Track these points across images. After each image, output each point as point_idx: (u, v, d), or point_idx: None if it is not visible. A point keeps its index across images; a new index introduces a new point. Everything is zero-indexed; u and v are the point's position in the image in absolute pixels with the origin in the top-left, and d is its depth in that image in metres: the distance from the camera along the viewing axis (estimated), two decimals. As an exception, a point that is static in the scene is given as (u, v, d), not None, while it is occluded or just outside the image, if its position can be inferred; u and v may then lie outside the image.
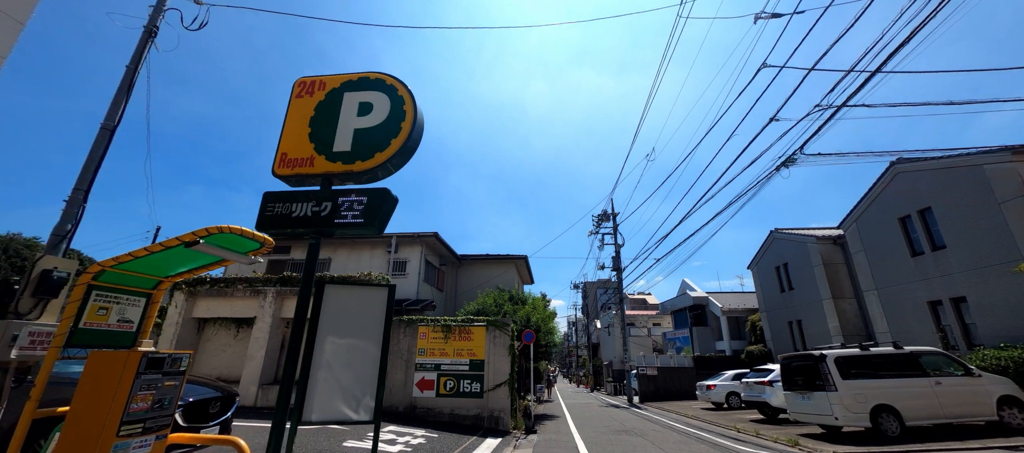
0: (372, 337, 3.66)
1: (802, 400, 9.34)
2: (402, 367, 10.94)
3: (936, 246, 12.49)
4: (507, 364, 10.73)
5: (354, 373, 3.54)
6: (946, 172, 12.20)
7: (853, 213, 15.48)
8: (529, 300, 15.92)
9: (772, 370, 12.23)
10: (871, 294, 14.63)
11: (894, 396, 8.43)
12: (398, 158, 2.68)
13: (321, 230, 2.59)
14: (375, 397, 3.51)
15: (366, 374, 3.56)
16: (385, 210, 2.59)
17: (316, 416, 3.36)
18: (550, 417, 14.21)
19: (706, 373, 20.38)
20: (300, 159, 2.69)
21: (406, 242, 15.77)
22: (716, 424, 11.56)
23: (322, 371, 3.47)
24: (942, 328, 12.30)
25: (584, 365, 47.24)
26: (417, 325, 11.29)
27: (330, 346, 3.55)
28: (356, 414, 3.45)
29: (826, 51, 7.96)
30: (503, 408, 10.33)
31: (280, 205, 2.58)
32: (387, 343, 3.69)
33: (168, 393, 3.24)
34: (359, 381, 3.53)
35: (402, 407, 10.51)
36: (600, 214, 26.47)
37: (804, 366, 9.52)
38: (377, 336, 3.68)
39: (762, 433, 9.71)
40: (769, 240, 21.60)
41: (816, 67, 8.42)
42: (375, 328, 3.69)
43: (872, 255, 14.68)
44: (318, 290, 3.65)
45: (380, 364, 3.60)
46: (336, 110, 2.83)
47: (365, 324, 3.69)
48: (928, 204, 12.66)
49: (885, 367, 8.89)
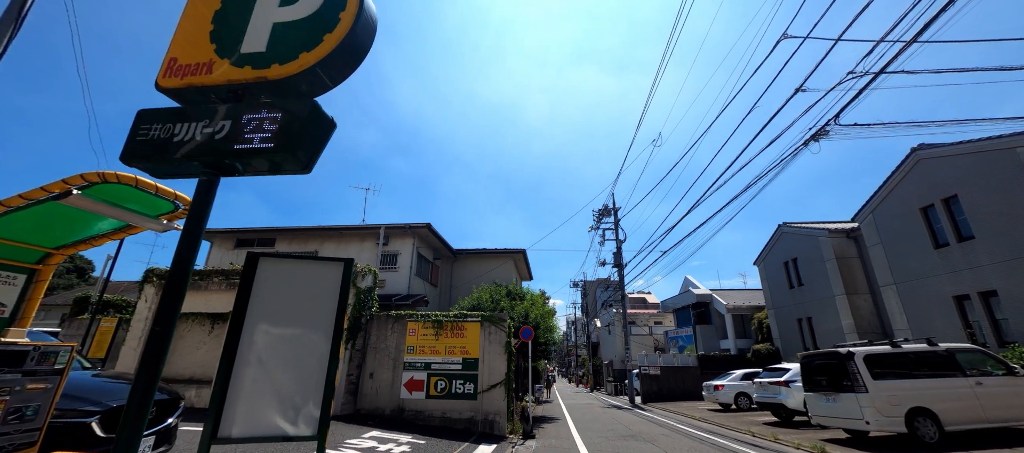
0: (321, 326, 2.82)
1: (826, 402, 8.52)
2: (389, 366, 10.09)
3: (963, 237, 11.67)
4: (503, 363, 9.88)
5: (294, 373, 2.69)
6: (975, 157, 11.38)
7: (869, 204, 14.67)
8: (528, 296, 15.08)
9: (788, 369, 11.41)
10: (889, 289, 13.82)
11: (931, 398, 7.62)
12: (335, 62, 1.83)
13: (216, 162, 1.75)
14: (322, 404, 2.66)
15: (310, 374, 2.71)
16: (312, 135, 1.76)
17: (238, 431, 2.51)
18: (549, 419, 13.37)
19: (711, 372, 19.60)
20: (195, 65, 1.85)
21: (397, 234, 14.90)
22: (728, 427, 10.74)
23: (251, 369, 2.62)
24: (970, 324, 11.49)
25: (583, 365, 46.43)
26: (406, 321, 10.44)
27: (263, 337, 2.70)
28: (294, 427, 2.60)
29: (855, 18, 7.12)
30: (499, 411, 9.49)
31: (158, 127, 1.75)
32: (340, 334, 2.84)
33: (33, 399, 2.39)
34: (301, 383, 2.68)
35: (389, 410, 9.67)
36: (601, 209, 25.60)
37: (828, 365, 8.70)
38: (327, 325, 2.83)
39: (781, 438, 8.89)
40: (777, 234, 20.79)
41: (843, 37, 7.59)
42: (325, 314, 2.85)
43: (891, 248, 13.86)
44: (249, 265, 2.80)
45: (330, 361, 2.75)
46: (251, 0, 2.01)
47: (312, 309, 2.84)
48: (954, 192, 11.84)
49: (919, 366, 8.08)
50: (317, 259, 2.94)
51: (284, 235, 15.78)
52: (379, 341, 10.38)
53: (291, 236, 15.76)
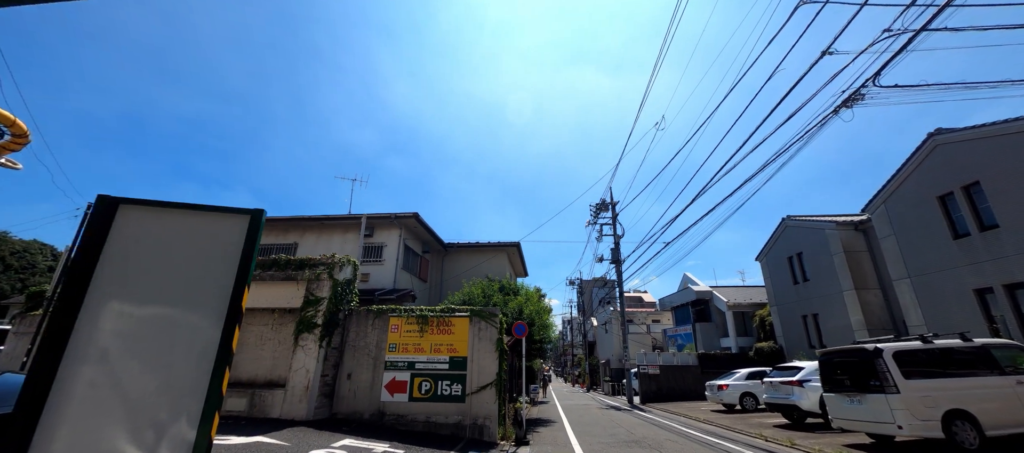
0: (208, 304, 1.92)
1: (850, 404, 7.72)
2: (369, 366, 9.18)
3: (985, 226, 10.95)
4: (494, 362, 9.01)
5: (160, 374, 1.79)
6: (999, 140, 10.66)
7: (881, 194, 13.93)
8: (522, 291, 14.21)
9: (802, 368, 10.63)
10: (903, 283, 13.09)
11: (969, 399, 6.84)
12: None
13: None
14: (200, 421, 1.76)
15: (186, 376, 1.81)
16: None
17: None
18: (545, 422, 12.51)
19: (713, 372, 18.85)
20: None
21: (382, 224, 13.93)
22: (736, 430, 9.94)
23: (88, 369, 1.72)
24: (993, 318, 10.77)
25: (579, 364, 45.68)
26: (388, 316, 9.53)
27: (113, 321, 1.80)
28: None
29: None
30: (489, 414, 8.61)
31: None
32: (238, 316, 1.94)
33: None
34: (169, 390, 1.78)
35: (368, 414, 8.76)
36: (598, 203, 24.77)
37: (851, 363, 7.91)
38: (219, 303, 1.93)
39: (798, 443, 8.09)
40: (781, 228, 20.06)
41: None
42: (216, 288, 1.95)
43: (904, 239, 13.14)
44: (102, 214, 1.91)
45: (219, 355, 1.85)
46: None
47: (197, 280, 1.95)
48: (975, 178, 11.12)
49: (953, 363, 7.30)
50: (210, 208, 2.03)
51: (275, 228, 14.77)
52: (358, 339, 9.47)
53: (270, 226, 14.75)
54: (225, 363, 1.84)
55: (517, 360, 11.49)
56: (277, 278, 9.48)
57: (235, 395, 8.60)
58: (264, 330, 9.82)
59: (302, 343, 8.76)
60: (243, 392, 8.64)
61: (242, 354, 9.73)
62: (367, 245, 13.58)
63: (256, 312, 9.90)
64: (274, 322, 9.78)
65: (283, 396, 8.42)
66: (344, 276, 9.61)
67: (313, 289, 9.22)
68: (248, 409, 8.43)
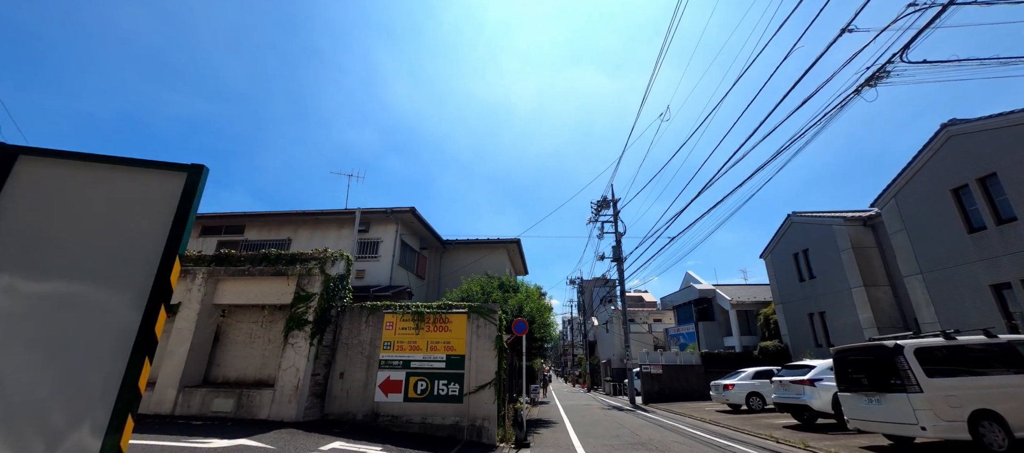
0: (126, 281, 1.53)
1: (868, 404, 7.32)
2: (363, 365, 8.79)
3: (1003, 219, 10.56)
4: (493, 360, 8.62)
5: (57, 366, 1.40)
6: (1017, 130, 10.27)
7: (891, 188, 13.54)
8: (522, 288, 13.82)
9: (813, 366, 10.24)
10: (914, 279, 12.70)
11: (996, 398, 6.45)
12: None
13: None
14: (109, 425, 1.37)
15: (92, 369, 1.42)
16: None
17: None
18: (546, 423, 12.12)
19: (716, 371, 18.46)
20: None
21: (378, 219, 13.54)
22: (745, 431, 9.55)
23: (-40, 362, 1.32)
24: (1011, 315, 10.38)
25: (580, 364, 45.29)
26: (383, 313, 9.15)
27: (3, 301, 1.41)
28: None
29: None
30: (487, 415, 8.22)
31: None
32: (165, 295, 1.55)
33: None
34: (68, 387, 1.39)
35: (361, 415, 8.37)
36: (599, 200, 24.35)
37: (869, 361, 7.52)
38: (142, 280, 1.54)
39: (812, 444, 7.70)
40: (786, 225, 19.67)
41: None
42: (138, 261, 1.56)
43: (916, 234, 12.74)
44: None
45: (137, 344, 1.46)
46: None
47: (114, 252, 1.56)
48: (991, 170, 10.73)
49: (977, 361, 6.92)
50: (136, 162, 1.64)
51: (254, 221, 14.38)
52: (351, 336, 9.08)
53: (262, 222, 14.38)
54: (145, 353, 1.45)
55: (517, 359, 11.11)
56: (266, 273, 9.10)
57: (222, 395, 8.23)
58: (253, 327, 9.45)
59: (292, 341, 8.37)
60: (231, 392, 8.26)
61: (230, 352, 9.36)
62: (363, 241, 13.19)
63: (245, 308, 9.52)
64: (263, 319, 9.41)
65: (272, 396, 8.04)
66: (337, 271, 9.22)
67: (304, 284, 8.83)
68: (235, 410, 8.04)
